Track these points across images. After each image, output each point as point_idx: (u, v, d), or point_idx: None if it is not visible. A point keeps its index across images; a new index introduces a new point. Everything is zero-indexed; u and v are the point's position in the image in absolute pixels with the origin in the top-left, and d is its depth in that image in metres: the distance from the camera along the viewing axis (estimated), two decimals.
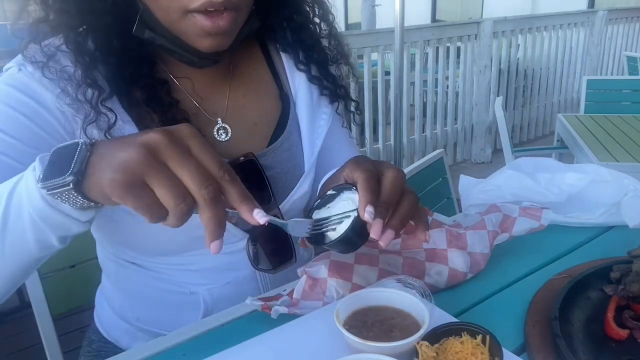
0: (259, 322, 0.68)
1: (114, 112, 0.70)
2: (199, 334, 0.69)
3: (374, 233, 0.59)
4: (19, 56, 0.70)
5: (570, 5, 6.47)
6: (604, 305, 0.67)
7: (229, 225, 0.80)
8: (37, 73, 0.69)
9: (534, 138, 4.91)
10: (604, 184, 0.96)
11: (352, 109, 0.96)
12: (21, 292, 1.68)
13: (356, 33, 4.01)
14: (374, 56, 3.52)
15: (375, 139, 3.67)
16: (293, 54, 0.88)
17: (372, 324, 0.59)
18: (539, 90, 4.81)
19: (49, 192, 0.50)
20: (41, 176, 0.50)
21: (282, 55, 0.89)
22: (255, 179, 0.81)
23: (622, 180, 0.95)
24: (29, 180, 0.52)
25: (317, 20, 0.88)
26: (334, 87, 0.90)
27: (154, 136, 0.48)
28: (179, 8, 0.66)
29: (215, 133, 0.81)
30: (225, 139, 0.82)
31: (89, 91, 0.69)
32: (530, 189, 0.97)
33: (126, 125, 0.72)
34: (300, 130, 0.87)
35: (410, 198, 0.63)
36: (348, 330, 0.55)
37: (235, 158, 0.80)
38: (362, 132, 3.53)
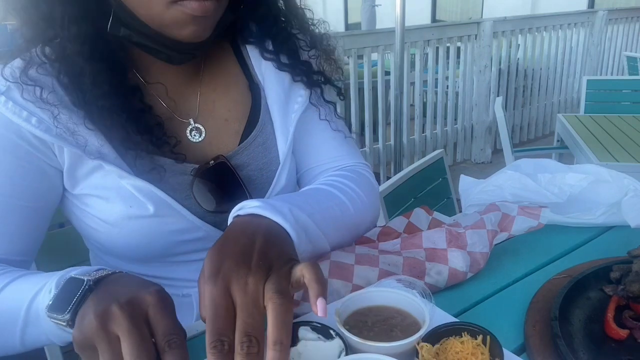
0: None
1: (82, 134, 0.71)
2: (198, 334, 0.69)
3: None
4: None
5: (570, 5, 6.47)
6: (604, 305, 0.67)
7: (211, 228, 0.79)
8: (2, 98, 0.68)
9: (534, 138, 4.91)
10: (604, 184, 0.96)
11: (335, 95, 0.91)
12: None
13: (356, 33, 4.00)
14: (374, 56, 3.52)
15: (375, 139, 3.67)
16: (259, 44, 0.85)
17: (372, 324, 0.59)
18: (539, 90, 4.81)
19: (53, 321, 0.55)
20: (50, 303, 0.56)
21: (247, 46, 0.86)
22: (229, 180, 0.80)
23: (622, 181, 0.95)
24: (42, 303, 0.59)
25: (283, 9, 0.85)
26: (308, 74, 0.86)
27: (112, 310, 0.50)
28: (162, 0, 0.65)
29: (189, 134, 0.80)
30: (199, 139, 0.81)
31: (61, 113, 0.69)
32: (531, 189, 0.97)
33: (102, 145, 0.72)
34: (272, 120, 0.85)
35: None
36: (348, 330, 0.55)
37: (206, 162, 0.78)
38: (362, 132, 3.53)
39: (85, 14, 0.68)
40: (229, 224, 0.63)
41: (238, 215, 0.64)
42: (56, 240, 1.05)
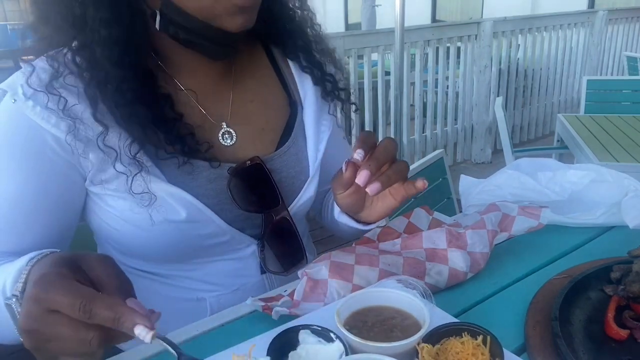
0: (259, 322, 0.68)
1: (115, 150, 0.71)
2: (199, 334, 0.69)
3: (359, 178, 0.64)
4: (13, 79, 0.70)
5: (570, 5, 6.46)
6: (604, 306, 0.67)
7: (236, 232, 0.81)
8: (30, 103, 0.68)
9: (534, 138, 4.91)
10: (604, 184, 0.96)
11: (352, 108, 0.97)
12: None
13: (356, 33, 4.00)
14: (374, 56, 3.52)
15: None
16: (296, 58, 0.89)
17: (372, 324, 0.59)
18: (539, 90, 4.81)
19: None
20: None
21: (289, 61, 0.90)
22: (263, 182, 0.82)
23: (622, 181, 0.95)
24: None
25: (307, 22, 0.90)
26: (334, 87, 0.91)
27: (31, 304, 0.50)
28: None
29: (220, 137, 0.82)
30: (231, 143, 0.82)
31: (95, 127, 0.70)
32: (531, 188, 0.97)
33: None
34: (306, 135, 0.89)
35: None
36: (348, 330, 0.55)
37: (242, 162, 0.80)
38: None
39: (119, 18, 0.69)
40: None
41: None
42: None
